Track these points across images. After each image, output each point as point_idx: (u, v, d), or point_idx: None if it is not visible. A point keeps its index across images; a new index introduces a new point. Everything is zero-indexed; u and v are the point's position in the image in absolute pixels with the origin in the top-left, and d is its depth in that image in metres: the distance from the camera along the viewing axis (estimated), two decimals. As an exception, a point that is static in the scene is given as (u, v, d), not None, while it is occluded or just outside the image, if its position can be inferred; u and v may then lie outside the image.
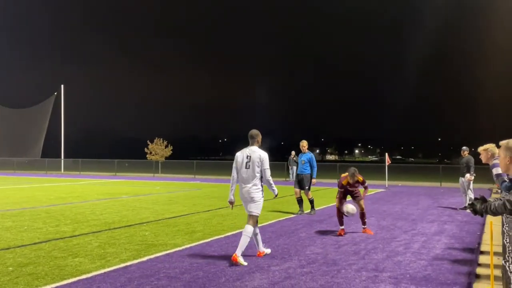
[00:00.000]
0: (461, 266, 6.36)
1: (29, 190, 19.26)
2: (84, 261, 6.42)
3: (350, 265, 6.32)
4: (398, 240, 8.30)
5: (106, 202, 14.37)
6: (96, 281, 5.45)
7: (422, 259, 6.75)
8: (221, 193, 18.14)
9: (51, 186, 22.34)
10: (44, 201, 14.61)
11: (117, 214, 11.46)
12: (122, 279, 5.52)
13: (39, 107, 48.98)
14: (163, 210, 12.36)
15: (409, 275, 5.86)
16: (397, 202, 15.27)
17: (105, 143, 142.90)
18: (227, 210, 12.41)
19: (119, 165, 37.25)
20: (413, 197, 17.07)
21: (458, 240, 8.40)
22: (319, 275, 5.78)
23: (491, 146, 6.73)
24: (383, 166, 23.64)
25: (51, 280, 5.47)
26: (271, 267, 6.20)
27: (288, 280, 5.54)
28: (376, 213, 12.01)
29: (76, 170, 39.11)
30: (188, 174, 34.14)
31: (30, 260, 6.49)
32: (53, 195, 17.01)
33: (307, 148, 11.72)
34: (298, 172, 11.82)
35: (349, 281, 5.54)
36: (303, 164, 11.65)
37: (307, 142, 11.78)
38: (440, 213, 12.36)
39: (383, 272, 5.99)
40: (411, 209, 13.09)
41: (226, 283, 5.39)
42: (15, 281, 5.41)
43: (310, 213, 11.68)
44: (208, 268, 6.10)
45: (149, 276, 5.69)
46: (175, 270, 5.96)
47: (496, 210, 3.24)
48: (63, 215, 11.19)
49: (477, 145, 7.34)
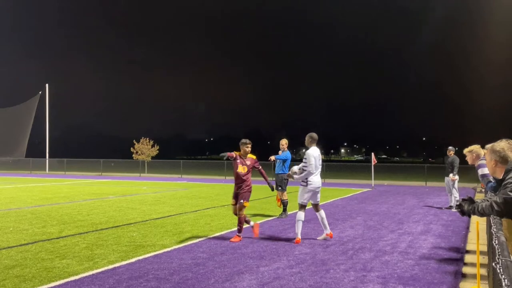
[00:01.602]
0: (447, 266, 6.45)
1: (14, 191, 19.01)
2: (71, 263, 6.37)
3: (339, 265, 6.37)
4: (385, 239, 8.38)
5: (93, 203, 14.25)
6: (84, 283, 5.41)
7: (409, 259, 6.83)
8: (208, 193, 18.12)
9: (36, 186, 22.08)
10: (29, 202, 14.44)
11: (104, 215, 11.38)
12: (110, 281, 5.49)
13: (24, 106, 48.32)
14: (150, 210, 12.31)
15: (397, 274, 5.93)
16: (383, 201, 15.41)
17: (91, 142, 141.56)
18: (215, 210, 12.40)
19: (105, 165, 36.96)
20: (399, 197, 17.24)
21: (444, 239, 8.52)
22: (308, 275, 5.81)
23: (476, 147, 6.86)
24: (369, 165, 23.82)
25: (38, 282, 5.43)
26: (260, 267, 6.22)
27: (277, 281, 5.56)
28: (362, 213, 12.10)
29: (61, 170, 38.71)
30: (175, 174, 34.03)
31: (16, 262, 6.41)
32: (39, 195, 16.82)
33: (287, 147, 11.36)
34: (275, 171, 11.41)
35: (338, 281, 5.59)
36: (279, 164, 11.21)
37: (286, 141, 11.35)
38: (426, 212, 12.51)
39: (371, 272, 6.05)
40: (397, 209, 13.22)
41: (215, 284, 5.40)
42: (2, 284, 5.35)
43: (281, 216, 11.13)
44: (197, 269, 6.10)
45: (138, 277, 5.67)
46: (164, 271, 5.95)
47: (484, 211, 3.30)
48: (49, 216, 11.07)
49: (462, 145, 7.46)
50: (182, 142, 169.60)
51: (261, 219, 10.86)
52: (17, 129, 48.16)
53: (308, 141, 8.26)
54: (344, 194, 18.31)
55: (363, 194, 18.51)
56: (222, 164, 33.09)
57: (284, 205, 11.31)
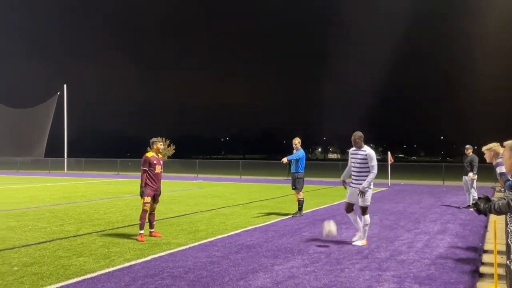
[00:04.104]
0: (464, 265, 6.37)
1: (33, 190, 19.32)
2: (88, 261, 6.45)
3: (354, 264, 6.33)
4: (401, 239, 8.30)
5: (110, 202, 14.41)
6: (100, 280, 5.48)
7: (425, 258, 6.75)
8: (224, 192, 18.18)
9: (54, 185, 22.40)
10: (47, 201, 14.65)
11: (120, 214, 11.49)
12: (126, 279, 5.54)
13: (42, 106, 49.06)
14: (166, 209, 12.39)
15: (413, 274, 5.87)
16: (399, 200, 15.28)
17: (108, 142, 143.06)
18: (230, 210, 12.44)
19: (122, 165, 37.31)
20: (415, 196, 17.06)
21: (462, 239, 8.41)
22: (323, 274, 5.79)
23: (495, 145, 6.74)
24: (385, 164, 23.63)
25: (56, 279, 5.51)
26: (274, 266, 6.22)
27: (292, 280, 5.55)
28: (378, 212, 12.01)
29: (79, 169, 39.19)
30: (191, 173, 34.19)
31: (35, 259, 6.52)
32: (57, 194, 17.07)
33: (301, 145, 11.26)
34: (291, 171, 11.35)
35: (353, 280, 5.56)
36: (294, 163, 11.14)
37: (299, 139, 11.23)
38: (443, 211, 12.36)
39: (387, 271, 6.01)
40: (413, 208, 13.09)
41: (230, 283, 5.41)
42: (21, 281, 5.44)
43: (295, 215, 11.09)
44: (211, 267, 6.13)
45: (153, 275, 5.72)
46: (179, 270, 5.99)
47: (500, 210, 3.25)
48: (67, 215, 11.23)
49: (480, 144, 7.35)
50: (197, 141, 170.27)
51: (275, 218, 10.85)
52: (36, 129, 48.94)
53: (361, 140, 7.81)
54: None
55: (379, 193, 18.36)
56: (238, 164, 33.16)
57: (300, 204, 11.26)
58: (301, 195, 11.28)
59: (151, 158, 8.22)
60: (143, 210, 8.06)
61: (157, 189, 8.27)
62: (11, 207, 12.91)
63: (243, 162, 34.15)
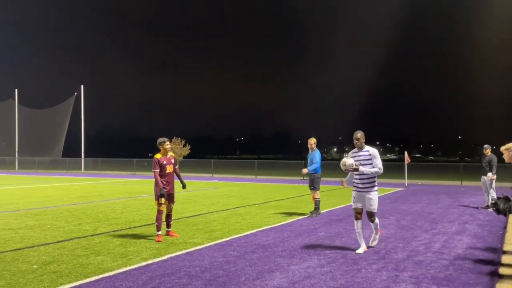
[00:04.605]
0: (483, 266, 6.28)
1: (51, 189, 19.59)
2: (106, 259, 6.52)
3: (370, 265, 6.29)
4: (418, 239, 8.23)
5: (126, 201, 14.54)
6: (118, 279, 5.53)
7: (443, 259, 6.68)
8: (239, 192, 18.21)
9: (72, 185, 22.68)
10: (65, 200, 14.85)
11: (137, 213, 11.59)
12: (143, 278, 5.59)
13: (60, 107, 49.71)
14: (182, 209, 12.46)
15: (430, 275, 5.81)
16: (417, 201, 15.13)
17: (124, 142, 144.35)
18: (246, 209, 12.46)
19: (138, 164, 37.59)
20: (433, 196, 16.88)
21: (480, 239, 8.29)
22: (339, 275, 5.77)
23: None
24: (402, 164, 23.42)
25: (74, 278, 5.58)
26: (290, 266, 6.21)
27: (308, 280, 5.54)
28: (395, 212, 11.91)
29: (96, 169, 39.60)
30: (206, 173, 34.31)
31: (53, 258, 6.61)
32: (74, 194, 17.28)
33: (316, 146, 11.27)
34: (309, 171, 11.32)
35: (370, 280, 5.52)
36: (311, 163, 11.15)
37: (315, 140, 11.21)
38: (461, 212, 12.21)
39: (404, 271, 5.96)
40: (431, 208, 12.95)
41: (246, 282, 5.42)
42: (40, 279, 5.53)
43: (312, 215, 11.07)
44: (228, 267, 6.14)
45: (170, 274, 5.76)
46: (195, 269, 6.02)
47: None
48: (84, 214, 11.36)
49: (499, 143, 7.23)
50: (213, 141, 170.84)
51: (291, 217, 10.84)
52: (54, 129, 49.60)
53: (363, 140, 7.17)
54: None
55: (396, 193, 18.21)
56: (253, 164, 33.18)
57: (317, 204, 11.25)
58: (318, 195, 11.27)
59: (160, 159, 8.18)
60: (158, 211, 8.05)
61: (170, 189, 8.23)
62: (30, 206, 13.12)
63: (258, 162, 34.16)
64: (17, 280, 5.49)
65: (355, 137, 7.16)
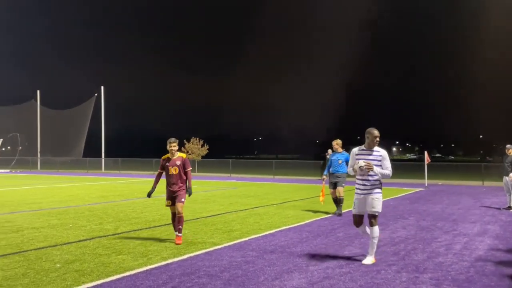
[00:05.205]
0: (505, 268, 6.20)
1: (72, 189, 19.92)
2: (127, 258, 6.62)
3: (390, 266, 6.26)
4: (439, 240, 8.15)
5: (146, 201, 14.67)
6: (139, 278, 5.62)
7: (464, 261, 6.61)
8: (257, 192, 18.24)
9: (93, 185, 23.02)
10: (87, 200, 15.08)
11: (157, 212, 11.72)
12: (163, 277, 5.66)
13: (81, 108, 50.45)
14: (201, 208, 12.55)
15: (451, 276, 5.76)
16: (437, 201, 14.96)
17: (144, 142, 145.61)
18: (264, 209, 12.48)
19: (157, 164, 37.67)
20: (454, 197, 16.67)
21: (502, 241, 8.17)
22: (359, 276, 5.75)
23: None
24: (422, 164, 23.17)
25: (96, 276, 5.68)
26: (309, 266, 6.22)
27: (327, 280, 5.54)
28: (415, 213, 11.80)
29: (116, 169, 40.09)
30: (224, 173, 34.43)
31: (76, 257, 6.74)
32: (95, 193, 17.54)
33: None
34: (333, 171, 11.45)
35: (389, 282, 5.50)
36: (340, 164, 11.29)
37: (339, 141, 11.32)
38: (483, 213, 12.04)
39: (424, 273, 5.91)
40: (452, 209, 12.79)
41: (265, 282, 5.45)
42: (63, 277, 5.64)
43: (335, 213, 11.28)
44: (246, 267, 6.18)
45: (189, 273, 5.82)
46: (214, 268, 6.07)
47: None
48: (105, 213, 11.53)
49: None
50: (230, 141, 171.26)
51: (309, 218, 10.83)
52: (74, 130, 50.36)
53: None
54: (396, 194, 17.90)
55: (415, 194, 18.03)
56: (271, 164, 33.19)
57: (341, 202, 11.40)
58: (342, 193, 11.45)
59: (163, 160, 8.06)
60: (171, 213, 8.05)
61: (174, 192, 7.88)
62: (53, 205, 13.36)
63: (276, 162, 34.15)
64: (40, 278, 5.61)
65: (374, 134, 6.45)
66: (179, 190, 7.91)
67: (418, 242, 8.00)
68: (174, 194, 7.93)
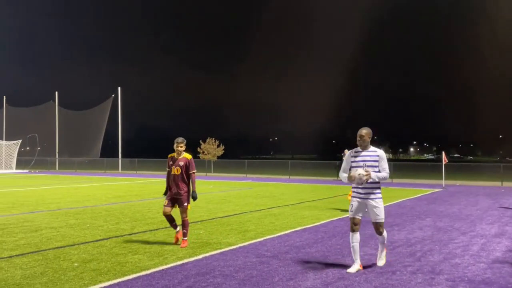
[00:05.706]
0: (523, 270, 6.10)
1: (90, 189, 20.17)
2: (143, 258, 6.69)
3: (405, 267, 6.22)
4: (455, 242, 8.06)
5: (162, 201, 14.74)
6: (155, 277, 5.67)
7: (481, 262, 6.53)
8: (273, 192, 18.24)
9: (110, 185, 23.27)
10: (103, 200, 15.26)
11: (172, 213, 11.76)
12: (179, 276, 5.71)
13: (98, 109, 51.10)
14: (216, 209, 12.61)
15: (467, 278, 5.70)
16: (454, 202, 14.79)
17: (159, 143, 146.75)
18: (279, 210, 12.48)
19: (173, 165, 38.04)
20: (471, 197, 16.46)
21: (521, 242, 8.05)
22: (373, 277, 5.73)
23: None
24: (439, 165, 22.92)
25: (113, 276, 5.75)
26: (324, 267, 6.21)
27: (342, 281, 5.53)
28: (432, 214, 11.69)
29: (133, 169, 40.47)
30: (240, 173, 34.50)
31: (93, 256, 6.83)
32: (112, 194, 17.74)
33: None
34: None
35: (405, 283, 5.46)
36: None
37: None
38: (501, 214, 11.86)
39: (440, 274, 5.86)
40: (469, 210, 12.64)
41: (280, 282, 5.46)
42: (80, 276, 5.73)
43: None
44: (261, 267, 6.19)
45: (205, 273, 5.85)
46: (229, 269, 6.10)
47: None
48: (122, 214, 11.66)
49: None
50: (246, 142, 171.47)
51: (325, 218, 10.80)
52: (92, 130, 51.00)
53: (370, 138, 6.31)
54: (413, 194, 17.75)
55: (433, 194, 17.85)
56: (286, 164, 33.16)
57: None
58: None
59: (169, 159, 7.81)
60: (163, 213, 7.90)
61: (176, 193, 7.72)
62: (70, 205, 13.55)
63: (291, 162, 34.11)
64: (58, 277, 5.70)
65: (359, 134, 6.20)
66: (181, 193, 7.69)
67: (434, 243, 7.93)
68: (174, 196, 7.75)
